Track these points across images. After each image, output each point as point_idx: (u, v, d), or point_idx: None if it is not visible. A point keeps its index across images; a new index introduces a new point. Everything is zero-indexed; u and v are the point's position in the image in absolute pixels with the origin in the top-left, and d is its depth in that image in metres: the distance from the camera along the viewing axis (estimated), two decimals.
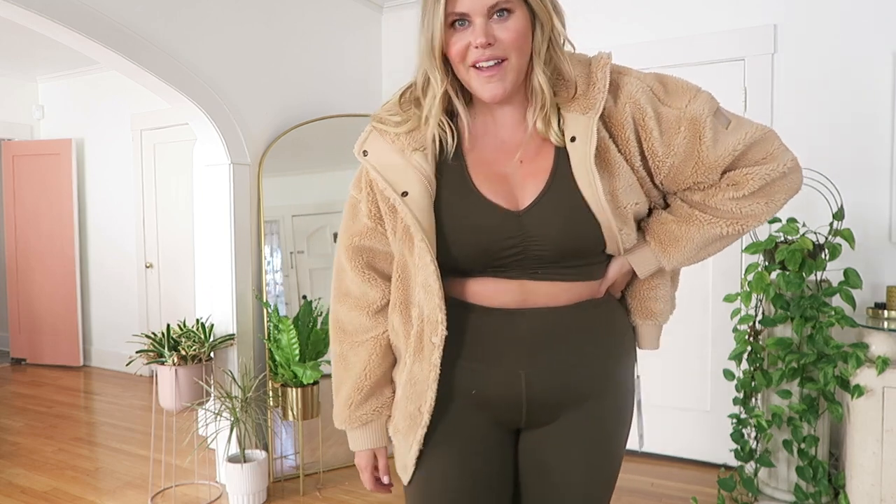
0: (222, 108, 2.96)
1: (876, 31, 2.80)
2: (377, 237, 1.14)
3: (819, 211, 2.79)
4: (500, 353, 1.07)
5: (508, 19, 0.99)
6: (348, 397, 1.17)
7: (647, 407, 3.33)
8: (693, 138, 1.02)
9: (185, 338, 2.84)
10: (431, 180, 1.05)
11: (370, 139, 1.10)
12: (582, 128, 1.01)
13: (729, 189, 1.06)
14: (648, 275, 1.13)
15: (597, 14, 3.37)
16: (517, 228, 1.02)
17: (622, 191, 1.02)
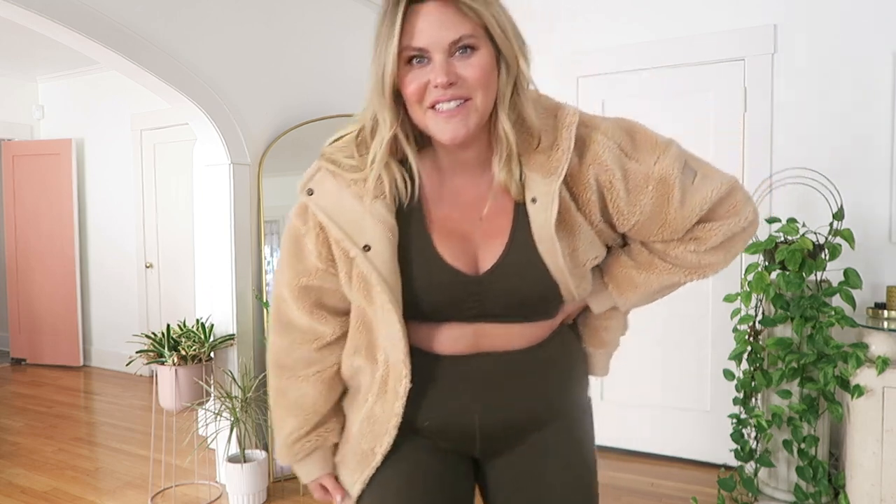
0: (222, 108, 2.96)
1: (876, 31, 2.80)
2: (328, 278, 1.04)
3: (819, 211, 2.79)
4: (455, 395, 1.05)
5: (472, 56, 0.90)
6: (291, 433, 1.11)
7: (648, 407, 3.34)
8: (661, 198, 0.98)
9: (185, 338, 2.84)
10: (395, 232, 0.97)
11: (318, 177, 1.01)
12: (543, 191, 0.94)
13: (691, 243, 1.03)
14: (603, 311, 1.13)
15: (597, 14, 3.37)
16: (476, 290, 0.99)
17: (582, 249, 0.99)
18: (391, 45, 0.89)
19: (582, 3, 3.42)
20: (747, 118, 3.05)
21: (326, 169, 1.01)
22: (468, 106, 0.91)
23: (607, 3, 3.35)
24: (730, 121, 3.09)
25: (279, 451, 1.15)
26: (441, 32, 0.88)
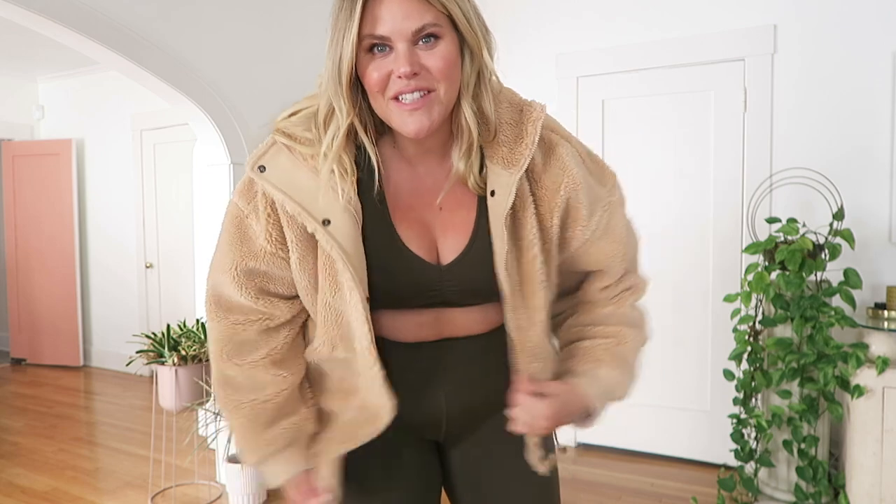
0: (222, 108, 2.96)
1: (876, 31, 2.80)
2: (276, 263, 0.97)
3: (819, 211, 2.79)
4: (423, 382, 1.04)
5: (436, 46, 0.87)
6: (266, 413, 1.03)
7: (648, 407, 3.34)
8: (608, 224, 1.02)
9: (185, 338, 2.83)
10: (358, 209, 0.92)
11: (271, 153, 0.95)
12: (503, 182, 0.93)
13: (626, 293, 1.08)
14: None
15: (595, 14, 3.37)
16: (437, 280, 0.97)
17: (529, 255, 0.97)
18: (350, 32, 0.86)
19: (581, 3, 3.42)
20: (747, 118, 3.05)
21: (281, 143, 0.96)
22: (432, 98, 0.87)
23: (607, 3, 3.35)
24: (730, 121, 3.09)
25: (242, 451, 1.06)
26: (404, 21, 0.84)
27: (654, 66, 3.24)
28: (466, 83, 0.91)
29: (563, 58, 3.45)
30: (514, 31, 3.59)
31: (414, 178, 0.98)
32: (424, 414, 1.06)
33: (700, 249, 3.19)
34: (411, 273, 0.95)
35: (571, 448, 3.51)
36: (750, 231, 2.79)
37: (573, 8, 3.44)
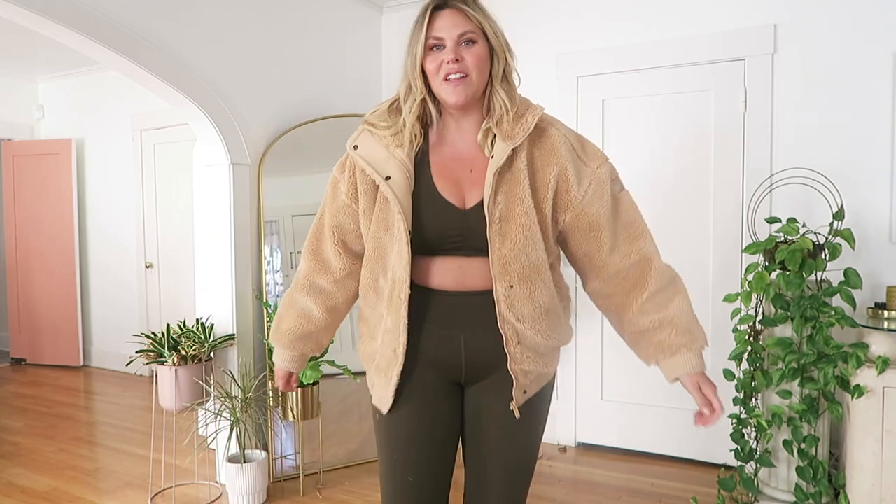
0: (222, 108, 2.96)
1: (876, 31, 2.80)
2: (350, 214, 1.43)
3: (819, 211, 2.79)
4: (446, 324, 1.36)
5: (472, 47, 1.29)
6: (288, 330, 1.53)
7: (648, 407, 3.34)
8: (595, 196, 1.35)
9: (185, 338, 2.84)
10: (411, 171, 1.32)
11: (361, 136, 1.37)
12: (500, 148, 1.28)
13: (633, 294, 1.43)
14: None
15: (595, 14, 3.38)
16: (462, 220, 1.31)
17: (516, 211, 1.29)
18: (421, 36, 1.29)
19: (582, 2, 3.42)
20: (747, 118, 3.05)
21: (367, 129, 1.38)
22: (467, 80, 1.28)
23: (607, 3, 3.35)
24: (730, 121, 3.09)
25: (272, 334, 1.56)
26: (452, 29, 1.28)
27: (654, 66, 3.24)
28: (496, 74, 1.31)
29: (563, 58, 3.45)
30: (514, 31, 3.56)
31: (452, 149, 1.36)
32: (448, 352, 1.37)
33: (700, 249, 3.19)
34: (442, 213, 1.32)
35: (571, 448, 3.51)
36: (750, 231, 2.79)
37: (573, 8, 3.44)
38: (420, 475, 1.41)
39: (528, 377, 1.37)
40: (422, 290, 1.35)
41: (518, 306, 1.32)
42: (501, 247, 1.29)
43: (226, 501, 2.88)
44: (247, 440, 2.85)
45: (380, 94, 3.97)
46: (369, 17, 3.93)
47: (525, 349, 1.35)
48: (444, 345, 1.37)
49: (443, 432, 1.42)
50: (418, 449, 1.40)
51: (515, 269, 1.30)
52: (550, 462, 3.33)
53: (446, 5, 1.29)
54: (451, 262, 1.34)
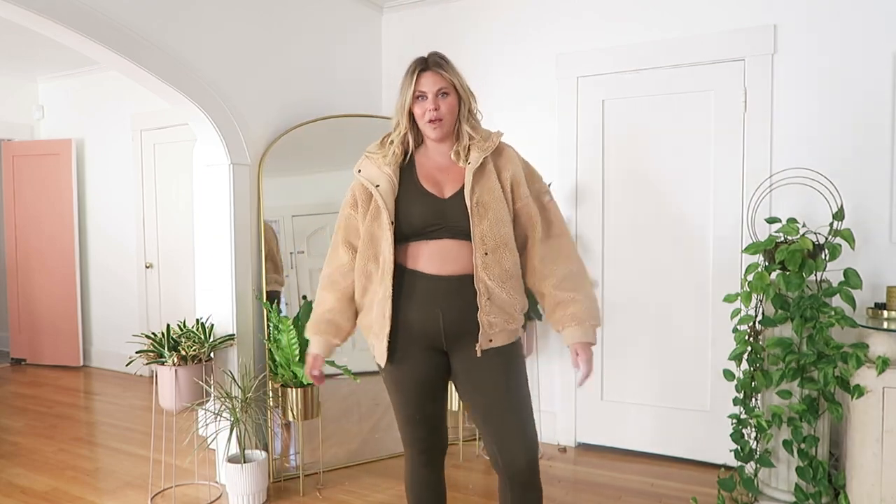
0: (222, 109, 2.96)
1: (876, 31, 2.80)
2: (352, 219, 1.92)
3: (819, 211, 2.79)
4: (428, 302, 1.79)
5: (446, 98, 1.81)
6: (314, 317, 1.96)
7: (648, 407, 3.34)
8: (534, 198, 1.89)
9: (185, 338, 2.83)
10: (395, 181, 1.83)
11: (363, 163, 1.89)
12: (475, 157, 1.80)
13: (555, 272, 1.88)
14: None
15: (595, 14, 3.38)
16: (441, 208, 1.79)
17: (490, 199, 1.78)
18: (410, 89, 1.81)
19: (582, 3, 3.42)
20: (747, 118, 3.05)
21: (366, 157, 1.90)
22: (442, 122, 1.81)
23: (607, 3, 3.35)
24: (730, 121, 3.09)
25: (309, 324, 1.96)
26: (433, 85, 1.80)
27: (654, 66, 3.24)
28: (463, 114, 1.84)
29: (563, 58, 3.45)
30: (514, 31, 3.59)
31: (433, 163, 1.87)
32: (429, 325, 1.80)
33: (700, 249, 3.19)
34: (426, 202, 1.80)
35: (571, 448, 3.51)
36: (750, 231, 2.79)
37: (573, 8, 3.44)
38: (417, 412, 1.90)
39: (493, 328, 1.78)
40: (410, 272, 1.80)
41: (491, 268, 1.76)
42: (480, 224, 1.76)
43: (226, 501, 2.88)
44: (247, 440, 2.85)
45: (380, 94, 3.97)
46: (369, 17, 3.93)
47: (492, 304, 1.77)
48: (426, 318, 1.79)
49: (428, 382, 1.87)
50: (409, 394, 1.88)
51: (490, 240, 1.76)
52: (550, 462, 3.33)
53: (428, 68, 1.81)
54: (434, 246, 1.79)
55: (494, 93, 3.57)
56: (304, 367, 1.95)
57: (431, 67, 1.80)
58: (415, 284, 1.79)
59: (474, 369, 1.82)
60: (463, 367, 1.84)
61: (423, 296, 1.79)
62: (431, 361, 1.85)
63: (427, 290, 1.79)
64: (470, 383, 1.84)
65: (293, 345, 2.87)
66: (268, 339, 3.00)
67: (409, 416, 1.91)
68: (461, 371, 1.85)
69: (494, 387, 1.80)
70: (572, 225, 3.47)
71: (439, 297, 1.78)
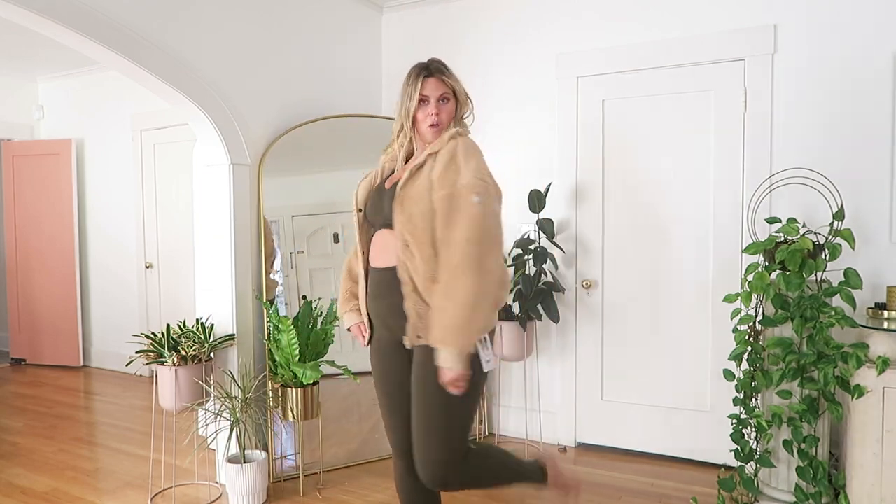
0: (222, 109, 2.96)
1: (876, 31, 2.80)
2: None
3: (819, 211, 2.79)
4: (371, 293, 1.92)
5: (447, 104, 1.89)
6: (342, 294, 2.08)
7: (647, 407, 3.34)
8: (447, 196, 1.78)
9: (185, 338, 2.83)
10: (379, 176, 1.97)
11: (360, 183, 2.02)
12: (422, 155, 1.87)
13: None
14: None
15: (595, 14, 3.38)
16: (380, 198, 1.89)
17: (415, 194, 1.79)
18: (415, 94, 1.87)
19: (582, 3, 3.42)
20: (747, 118, 3.05)
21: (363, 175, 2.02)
22: (441, 127, 1.89)
23: (607, 3, 3.35)
24: (730, 121, 3.09)
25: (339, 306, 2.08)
26: (435, 91, 1.88)
27: (654, 66, 3.24)
28: (458, 117, 1.93)
29: (563, 58, 3.45)
30: (514, 31, 3.59)
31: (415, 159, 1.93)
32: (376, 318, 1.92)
33: (700, 249, 3.19)
34: (375, 193, 1.94)
35: (571, 448, 3.51)
36: (750, 231, 2.79)
37: (573, 8, 3.44)
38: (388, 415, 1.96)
39: (422, 321, 1.76)
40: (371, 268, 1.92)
41: (411, 260, 1.77)
42: (400, 216, 1.78)
43: (226, 501, 2.88)
44: (247, 440, 2.85)
45: (380, 94, 3.97)
46: (369, 17, 3.93)
47: (419, 297, 1.77)
48: (372, 311, 1.92)
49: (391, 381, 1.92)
50: (379, 394, 1.97)
51: (407, 233, 1.76)
52: None
53: (431, 74, 1.87)
54: (376, 237, 1.89)
55: (494, 93, 3.57)
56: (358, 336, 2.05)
57: (434, 73, 1.86)
58: (367, 277, 1.93)
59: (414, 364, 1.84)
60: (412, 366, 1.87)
61: (369, 288, 1.92)
62: (393, 356, 1.89)
63: (371, 283, 1.91)
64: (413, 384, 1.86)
65: (293, 345, 2.87)
66: (268, 339, 3.00)
67: (385, 419, 1.97)
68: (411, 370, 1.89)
69: (414, 387, 1.84)
70: (572, 225, 3.47)
71: (375, 289, 1.88)
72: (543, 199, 3.32)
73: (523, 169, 3.52)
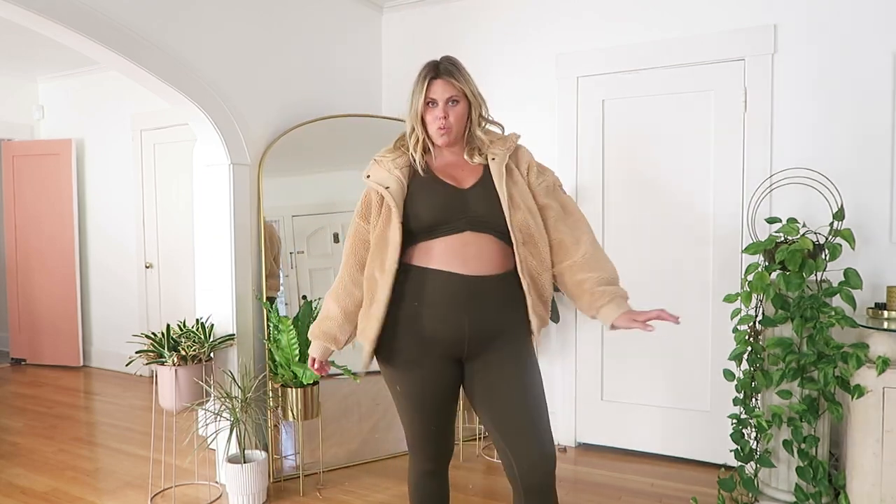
0: (222, 109, 2.96)
1: (876, 31, 2.80)
2: (363, 230, 1.85)
3: (819, 211, 2.79)
4: (450, 305, 1.70)
5: (456, 106, 1.78)
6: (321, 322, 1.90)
7: (648, 407, 3.34)
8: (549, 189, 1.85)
9: (185, 338, 2.83)
10: (404, 183, 1.78)
11: (372, 167, 1.85)
12: (500, 154, 1.79)
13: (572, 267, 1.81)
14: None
15: (595, 14, 3.37)
16: (461, 199, 1.74)
17: (517, 194, 1.76)
18: (421, 96, 1.77)
19: (582, 3, 3.42)
20: (747, 118, 3.05)
21: (374, 162, 1.85)
22: (450, 130, 1.79)
23: (607, 3, 3.35)
24: (730, 121, 3.09)
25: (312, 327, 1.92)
26: (443, 93, 1.77)
27: (654, 66, 3.24)
28: (475, 120, 1.82)
29: (563, 58, 3.45)
30: (514, 31, 3.59)
31: (447, 161, 1.84)
32: (450, 332, 1.71)
33: (700, 249, 3.19)
34: (444, 191, 1.76)
35: (571, 448, 3.51)
36: (750, 231, 2.79)
37: (573, 8, 3.44)
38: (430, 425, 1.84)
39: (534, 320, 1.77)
40: (420, 270, 1.73)
41: (529, 260, 1.74)
42: (515, 214, 1.73)
43: (226, 501, 2.88)
44: (247, 440, 2.85)
45: (380, 94, 3.97)
46: (369, 17, 3.93)
47: (535, 298, 1.77)
48: (446, 324, 1.71)
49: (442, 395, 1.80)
50: (423, 407, 1.81)
51: (526, 230, 1.73)
52: None
53: (439, 76, 1.77)
54: (452, 241, 1.71)
55: (494, 93, 3.54)
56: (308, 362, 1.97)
57: (442, 75, 1.76)
58: (426, 284, 1.70)
59: (494, 372, 1.74)
60: (479, 373, 1.75)
61: (440, 299, 1.69)
62: (447, 371, 1.77)
63: (446, 292, 1.69)
64: (484, 387, 1.75)
65: (293, 345, 2.87)
66: (268, 339, 3.00)
67: (422, 429, 1.84)
68: (478, 378, 1.76)
69: (509, 389, 1.72)
70: None
71: (463, 299, 1.68)
72: None
73: None
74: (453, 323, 1.69)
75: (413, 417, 1.83)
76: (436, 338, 1.71)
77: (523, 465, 1.69)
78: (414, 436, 1.87)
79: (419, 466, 1.92)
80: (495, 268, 1.72)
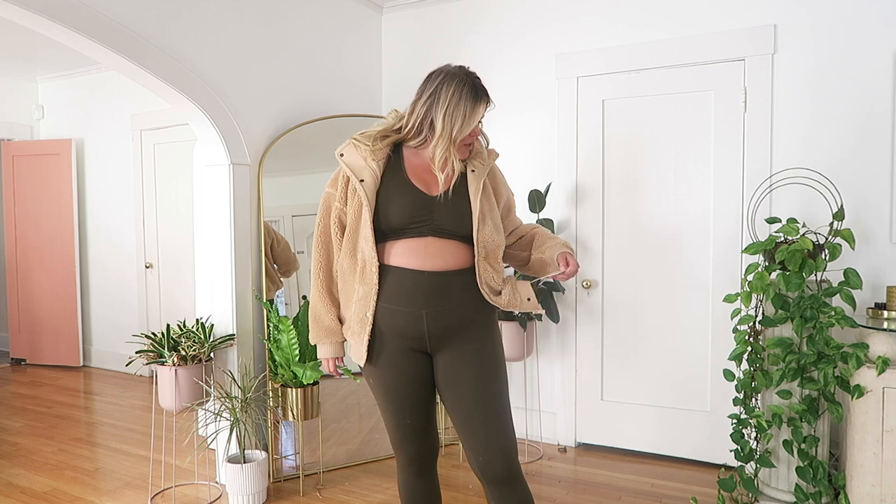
0: (222, 109, 2.96)
1: (876, 31, 2.80)
2: (341, 211, 1.85)
3: (819, 211, 2.79)
4: (409, 301, 1.74)
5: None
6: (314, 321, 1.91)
7: (648, 407, 3.34)
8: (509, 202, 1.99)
9: (185, 338, 2.83)
10: (378, 176, 1.79)
11: (347, 148, 1.85)
12: (479, 169, 1.84)
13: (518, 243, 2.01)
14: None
15: (595, 14, 3.37)
16: (428, 205, 1.76)
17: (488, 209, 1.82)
18: (473, 122, 1.77)
19: (582, 3, 3.42)
20: (747, 118, 3.05)
21: (353, 143, 1.83)
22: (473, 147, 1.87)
23: (607, 3, 3.35)
24: (730, 121, 3.09)
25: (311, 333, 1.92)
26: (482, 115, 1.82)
27: (654, 66, 3.24)
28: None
29: (563, 58, 3.45)
30: (514, 31, 3.59)
31: (419, 160, 1.83)
32: (410, 327, 1.76)
33: (700, 249, 3.19)
34: (414, 197, 1.76)
35: (571, 448, 3.51)
36: (750, 231, 2.79)
37: (573, 8, 3.44)
38: (407, 418, 1.85)
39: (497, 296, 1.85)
40: (386, 267, 1.77)
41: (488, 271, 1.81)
42: (483, 229, 1.78)
43: (226, 501, 2.88)
44: (247, 440, 2.85)
45: (379, 94, 3.97)
46: (369, 17, 3.93)
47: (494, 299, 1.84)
48: (408, 318, 1.75)
49: (415, 385, 1.82)
50: (398, 400, 1.83)
51: (490, 244, 1.79)
52: (550, 462, 3.33)
53: (488, 102, 1.80)
54: (416, 243, 1.75)
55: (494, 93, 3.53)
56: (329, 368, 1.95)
57: (487, 100, 1.80)
58: (391, 281, 1.75)
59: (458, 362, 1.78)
60: (444, 365, 1.80)
61: (403, 294, 1.74)
62: (414, 365, 1.80)
63: (407, 287, 1.74)
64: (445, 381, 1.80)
65: (293, 345, 2.87)
66: (268, 340, 3.00)
67: (399, 423, 1.85)
68: (442, 370, 1.80)
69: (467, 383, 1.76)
70: (572, 225, 3.47)
71: (420, 294, 1.74)
72: (543, 199, 3.32)
73: (523, 169, 3.52)
74: (413, 317, 1.74)
75: (388, 411, 1.86)
76: (398, 332, 1.76)
77: (480, 459, 1.74)
78: (392, 431, 1.89)
79: (403, 465, 1.95)
80: (456, 264, 1.77)
